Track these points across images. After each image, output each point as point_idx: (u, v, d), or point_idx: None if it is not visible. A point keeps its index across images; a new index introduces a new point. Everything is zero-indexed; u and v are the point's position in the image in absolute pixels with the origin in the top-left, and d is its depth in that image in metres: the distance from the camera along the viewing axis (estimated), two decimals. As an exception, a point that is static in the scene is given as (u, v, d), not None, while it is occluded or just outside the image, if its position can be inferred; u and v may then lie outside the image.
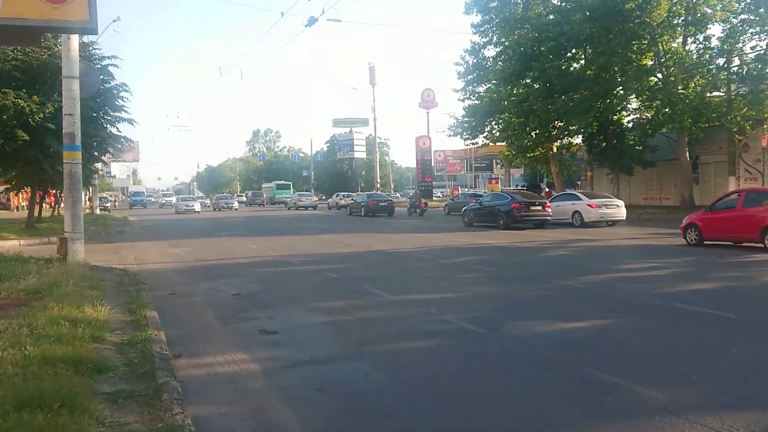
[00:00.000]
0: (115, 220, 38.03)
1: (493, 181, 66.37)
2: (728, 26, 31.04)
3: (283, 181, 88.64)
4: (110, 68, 26.56)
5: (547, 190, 42.11)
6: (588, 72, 34.17)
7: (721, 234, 17.53)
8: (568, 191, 32.54)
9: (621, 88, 33.72)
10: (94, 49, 27.02)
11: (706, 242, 17.60)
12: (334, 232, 26.94)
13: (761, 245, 16.07)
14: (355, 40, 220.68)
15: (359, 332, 8.07)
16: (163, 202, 78.96)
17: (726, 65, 32.05)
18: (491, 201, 28.85)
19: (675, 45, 32.21)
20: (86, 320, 7.34)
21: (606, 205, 27.73)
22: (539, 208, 26.72)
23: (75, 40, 13.09)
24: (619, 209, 27.87)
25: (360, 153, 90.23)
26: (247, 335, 8.04)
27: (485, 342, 7.39)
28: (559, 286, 11.34)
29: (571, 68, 34.91)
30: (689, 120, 30.14)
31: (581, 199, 28.17)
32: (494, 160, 79.42)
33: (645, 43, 32.67)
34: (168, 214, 51.14)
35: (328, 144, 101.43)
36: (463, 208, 32.00)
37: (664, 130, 33.81)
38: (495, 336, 7.66)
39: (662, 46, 31.48)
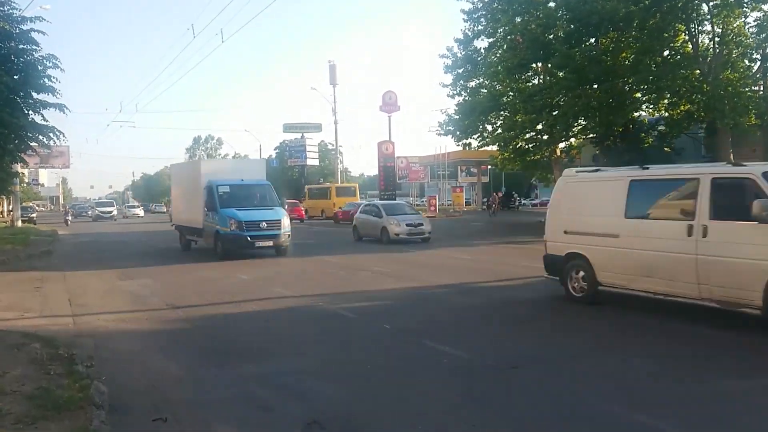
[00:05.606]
0: (40, 234, 30.13)
1: (458, 190, 61.63)
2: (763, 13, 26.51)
3: None
4: (34, 34, 19.98)
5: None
6: (620, 59, 28.86)
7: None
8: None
9: (657, 78, 28.26)
10: (11, 9, 20.25)
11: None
12: (332, 252, 20.74)
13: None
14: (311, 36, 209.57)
15: None
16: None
17: (762, 55, 27.59)
18: None
19: (734, 25, 27.25)
20: None
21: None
22: None
23: None
24: None
25: (312, 160, 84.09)
26: None
27: None
28: None
29: (603, 55, 29.39)
30: (750, 116, 25.29)
31: None
32: (459, 168, 74.56)
33: (702, 21, 27.52)
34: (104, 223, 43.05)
35: (277, 150, 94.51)
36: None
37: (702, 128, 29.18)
38: None
39: (715, 26, 26.55)
